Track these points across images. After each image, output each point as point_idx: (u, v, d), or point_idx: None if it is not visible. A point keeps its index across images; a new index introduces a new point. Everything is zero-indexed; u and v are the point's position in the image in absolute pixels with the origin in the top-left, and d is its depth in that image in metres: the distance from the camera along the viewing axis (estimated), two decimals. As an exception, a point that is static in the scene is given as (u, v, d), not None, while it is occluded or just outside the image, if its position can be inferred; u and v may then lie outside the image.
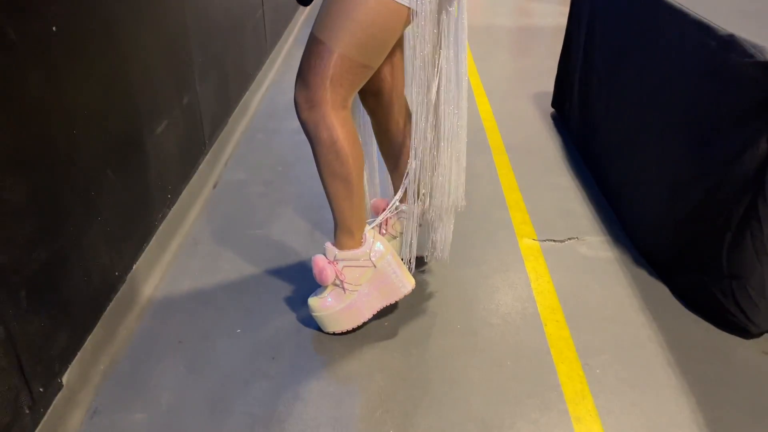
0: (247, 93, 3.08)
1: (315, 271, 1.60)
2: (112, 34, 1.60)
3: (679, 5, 1.82)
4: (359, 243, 1.60)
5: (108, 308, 1.60)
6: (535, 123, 3.06)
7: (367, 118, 1.80)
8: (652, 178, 1.94)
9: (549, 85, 3.29)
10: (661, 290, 1.87)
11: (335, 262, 1.60)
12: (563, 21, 4.12)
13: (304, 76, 1.44)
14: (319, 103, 1.42)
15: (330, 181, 1.51)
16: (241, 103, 2.94)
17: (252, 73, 3.20)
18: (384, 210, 1.90)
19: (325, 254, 1.62)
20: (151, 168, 1.87)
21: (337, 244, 1.60)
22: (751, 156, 1.49)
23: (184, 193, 2.15)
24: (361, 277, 1.63)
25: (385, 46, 1.44)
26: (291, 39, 4.23)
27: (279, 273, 1.94)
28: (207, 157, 2.41)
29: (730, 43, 1.52)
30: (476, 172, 2.56)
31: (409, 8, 1.38)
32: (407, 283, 1.65)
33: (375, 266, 1.62)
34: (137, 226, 1.79)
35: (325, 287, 1.65)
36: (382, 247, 1.62)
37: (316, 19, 1.43)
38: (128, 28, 1.69)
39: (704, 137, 1.66)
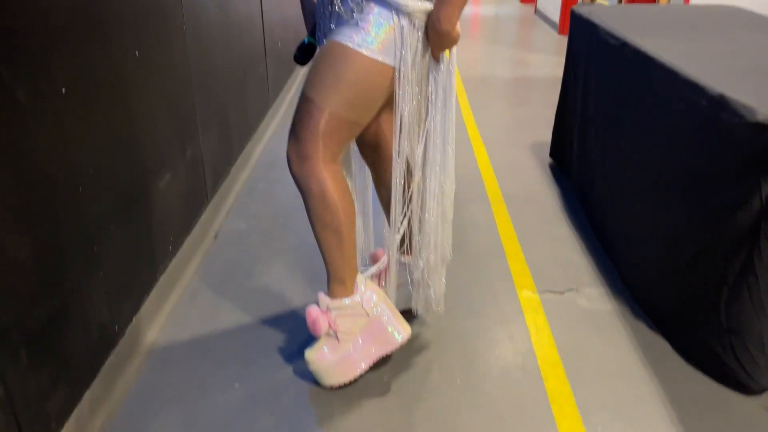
0: (250, 143, 3.13)
1: (309, 321, 1.61)
2: (119, 93, 1.64)
3: (669, 64, 1.87)
4: (351, 291, 1.61)
5: (107, 362, 1.60)
6: (533, 173, 3.10)
7: (367, 170, 1.83)
8: (649, 230, 1.96)
9: (546, 135, 3.34)
10: (662, 344, 1.86)
11: (328, 312, 1.61)
12: (559, 72, 4.21)
13: (295, 131, 1.49)
14: (309, 157, 1.47)
15: (321, 232, 1.54)
16: (243, 154, 2.99)
17: (254, 124, 3.26)
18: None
19: (318, 304, 1.63)
20: (154, 221, 1.89)
21: (329, 293, 1.62)
22: (745, 212, 1.51)
23: (186, 244, 2.17)
24: (354, 326, 1.63)
25: (373, 104, 1.49)
26: (293, 90, 4.31)
27: (278, 324, 1.94)
28: (209, 207, 2.43)
29: (720, 103, 1.56)
30: (475, 222, 2.58)
31: (393, 67, 1.43)
32: (402, 331, 1.65)
33: (368, 315, 1.62)
34: (138, 279, 1.80)
35: (320, 338, 1.65)
36: (374, 295, 1.63)
37: (306, 78, 1.49)
38: (135, 86, 1.74)
39: (698, 192, 1.68)
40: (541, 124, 3.74)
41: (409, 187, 1.63)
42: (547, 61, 5.36)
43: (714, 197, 1.61)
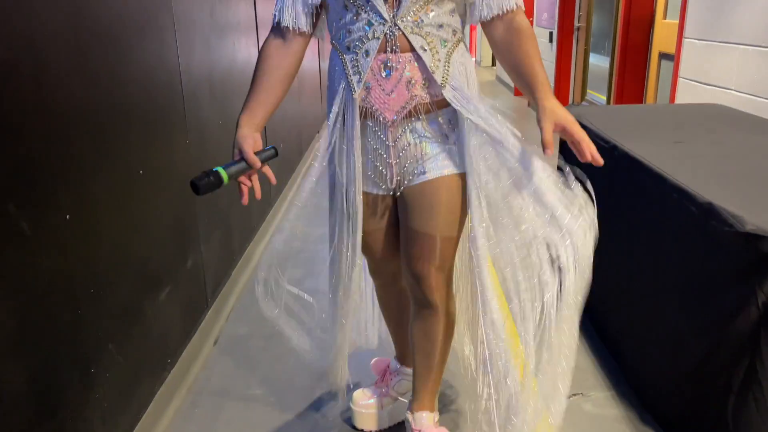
0: (251, 244, 3.17)
1: None
2: (122, 212, 1.68)
3: (658, 169, 1.92)
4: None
5: (100, 487, 1.55)
6: (532, 268, 3.10)
7: (369, 279, 1.82)
8: (652, 335, 1.94)
9: (544, 230, 3.37)
10: (671, 453, 1.81)
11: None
12: (554, 163, 4.30)
13: (435, 262, 1.50)
14: (449, 283, 1.56)
15: (446, 348, 1.64)
16: (244, 255, 3.02)
17: (256, 225, 3.31)
18: (386, 370, 1.90)
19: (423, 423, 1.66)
20: (153, 336, 1.89)
21: (431, 406, 1.68)
22: (743, 320, 1.51)
23: (185, 353, 2.16)
24: None
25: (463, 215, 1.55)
26: (294, 187, 4.40)
27: (277, 439, 1.89)
28: (209, 313, 2.43)
29: (710, 211, 1.59)
30: (476, 323, 2.56)
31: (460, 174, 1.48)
32: None
33: None
34: (135, 396, 1.77)
35: None
36: None
37: (418, 213, 1.49)
38: (138, 203, 1.79)
39: (695, 299, 1.69)
40: (539, 217, 3.78)
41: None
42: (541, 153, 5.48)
43: (710, 304, 1.61)
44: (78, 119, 1.46)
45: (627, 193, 2.16)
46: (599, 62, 5.30)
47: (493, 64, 11.32)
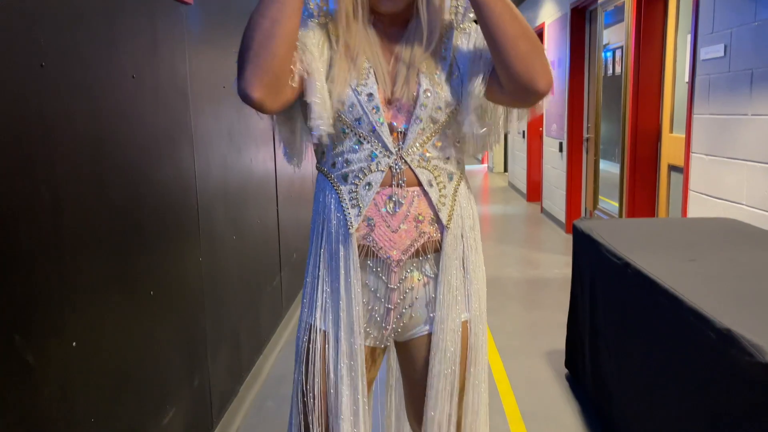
0: (261, 357, 3.11)
1: None
2: (129, 336, 1.67)
3: (673, 290, 1.89)
4: None
5: None
6: (550, 386, 3.00)
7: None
8: (676, 466, 1.83)
9: (561, 342, 3.29)
10: None
11: None
12: (568, 271, 4.27)
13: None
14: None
15: None
16: (253, 370, 2.96)
17: (265, 338, 3.26)
18: None
19: None
20: (153, 461, 1.82)
21: None
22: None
23: (186, 480, 2.06)
24: None
25: None
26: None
27: None
28: (214, 434, 2.35)
29: (728, 338, 1.55)
30: (492, 447, 2.44)
31: None
32: None
33: None
34: None
35: None
36: None
37: (415, 369, 1.41)
38: (146, 325, 1.78)
39: (718, 425, 1.60)
40: (554, 329, 3.71)
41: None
42: (557, 260, 5.47)
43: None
44: (92, 244, 1.48)
45: (641, 313, 2.11)
46: (610, 168, 5.39)
47: (506, 170, 11.53)
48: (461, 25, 1.35)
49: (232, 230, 2.64)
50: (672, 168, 4.26)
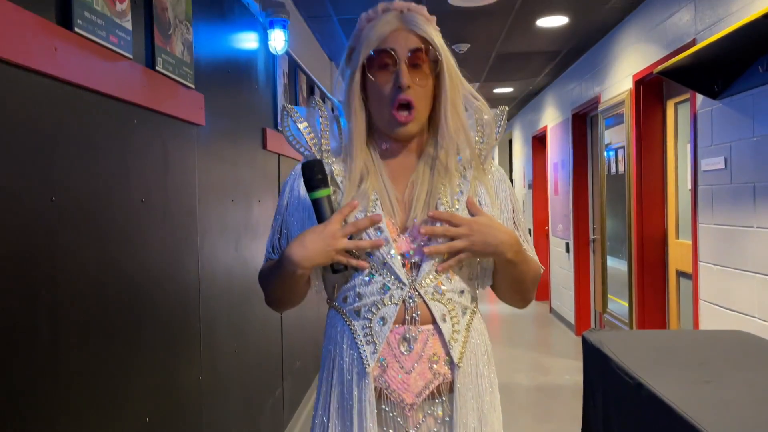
0: (260, 476, 2.97)
1: None
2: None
3: (690, 419, 1.81)
4: None
5: None
6: None
7: None
8: None
9: (575, 461, 3.14)
10: None
11: None
12: (579, 378, 4.15)
13: None
14: None
15: None
16: (251, 490, 2.82)
17: (266, 453, 3.13)
18: None
19: None
20: None
21: None
22: None
23: None
24: None
25: None
26: (309, 405, 4.25)
27: None
28: None
29: (752, 479, 1.46)
30: None
31: None
32: None
33: None
34: None
35: None
36: None
37: None
38: (141, 453, 1.71)
39: None
40: (567, 444, 3.55)
41: None
42: (567, 366, 5.33)
43: None
44: (89, 373, 1.45)
45: (659, 439, 2.02)
46: (617, 265, 5.34)
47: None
48: (482, 166, 1.32)
49: (234, 344, 2.60)
50: (680, 274, 4.22)
